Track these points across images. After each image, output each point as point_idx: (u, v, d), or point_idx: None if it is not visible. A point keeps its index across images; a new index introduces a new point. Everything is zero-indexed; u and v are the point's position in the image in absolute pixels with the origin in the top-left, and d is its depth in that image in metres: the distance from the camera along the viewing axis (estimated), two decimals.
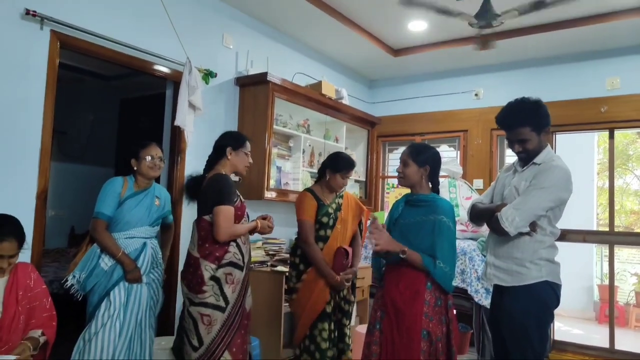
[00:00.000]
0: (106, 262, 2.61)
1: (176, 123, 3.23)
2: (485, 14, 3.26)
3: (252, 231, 2.69)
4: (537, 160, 2.31)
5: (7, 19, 2.71)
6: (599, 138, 7.75)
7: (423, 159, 2.39)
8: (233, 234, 2.51)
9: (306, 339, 2.91)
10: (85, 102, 5.99)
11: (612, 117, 4.45)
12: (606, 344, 4.58)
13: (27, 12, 2.72)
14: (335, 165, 3.02)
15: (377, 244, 2.23)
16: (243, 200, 2.72)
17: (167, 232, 3.08)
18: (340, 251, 2.93)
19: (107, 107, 6.23)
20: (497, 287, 2.39)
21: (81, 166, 5.94)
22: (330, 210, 3.02)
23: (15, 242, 2.04)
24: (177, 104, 3.22)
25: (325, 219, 3.00)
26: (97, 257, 2.62)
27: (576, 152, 6.75)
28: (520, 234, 2.24)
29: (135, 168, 2.77)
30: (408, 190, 2.52)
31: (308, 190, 3.08)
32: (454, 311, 2.36)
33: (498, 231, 2.27)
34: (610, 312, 4.65)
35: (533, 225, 2.24)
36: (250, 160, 2.75)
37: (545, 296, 2.23)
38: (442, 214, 2.31)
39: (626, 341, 5.05)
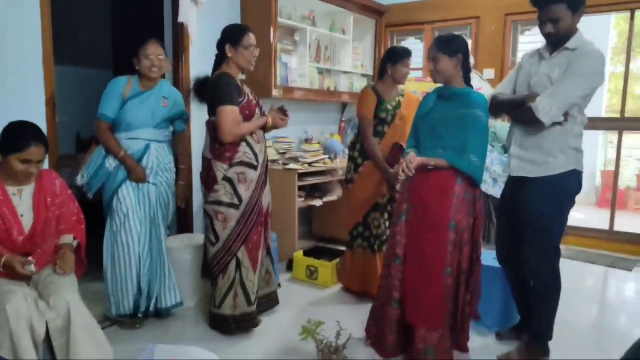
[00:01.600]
0: (110, 163, 2.65)
1: (180, 19, 3.07)
2: None
3: (264, 128, 2.65)
4: (569, 45, 2.19)
5: None
6: (616, 20, 7.39)
7: (453, 48, 2.28)
8: (238, 134, 2.49)
9: (359, 226, 3.13)
10: (74, 0, 5.64)
11: None
12: (606, 226, 4.76)
13: None
14: (393, 57, 3.04)
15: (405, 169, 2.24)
16: (252, 97, 2.65)
17: (180, 141, 2.98)
18: (395, 146, 2.98)
19: (97, 4, 5.89)
20: (516, 179, 2.37)
21: (78, 68, 5.75)
22: (389, 107, 3.06)
23: (42, 146, 2.03)
24: None
25: (383, 114, 3.04)
26: (103, 158, 2.65)
27: (590, 35, 6.48)
28: (552, 124, 2.20)
29: (137, 67, 2.68)
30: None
31: (370, 86, 3.12)
32: (481, 204, 2.40)
33: (530, 122, 2.20)
34: (613, 195, 4.78)
35: (565, 114, 2.19)
36: (255, 54, 2.60)
37: (572, 184, 2.26)
38: (477, 107, 2.25)
39: (624, 222, 5.25)
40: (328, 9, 4.47)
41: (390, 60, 3.02)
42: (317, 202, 4.08)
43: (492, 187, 4.37)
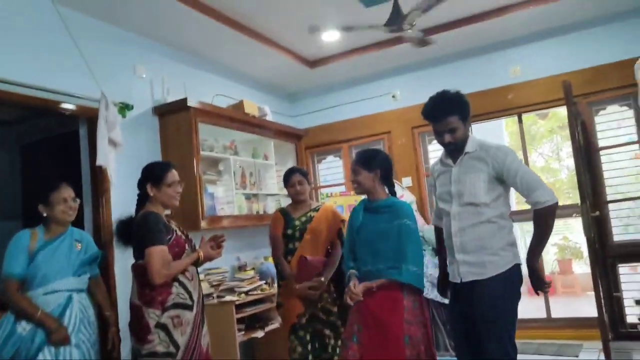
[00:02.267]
0: (24, 327, 2.30)
1: (98, 163, 3.00)
2: (396, 19, 3.37)
3: (196, 263, 2.51)
4: (469, 149, 2.36)
5: None
6: (506, 123, 8.33)
7: (372, 164, 2.44)
8: (170, 275, 2.34)
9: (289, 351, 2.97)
10: None
11: (519, 102, 4.77)
12: (543, 314, 4.88)
13: None
14: (284, 182, 3.20)
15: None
16: (181, 233, 2.56)
17: (98, 286, 2.72)
18: (301, 260, 2.90)
19: (6, 154, 5.68)
20: (465, 284, 2.36)
21: None
22: (298, 223, 3.07)
23: None
24: (97, 142, 3.00)
25: (290, 231, 3.06)
26: (12, 323, 2.31)
27: (487, 138, 7.20)
28: (485, 224, 2.30)
29: (45, 214, 2.47)
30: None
31: (280, 208, 3.29)
32: (428, 312, 2.39)
33: (554, 213, 2.27)
34: None
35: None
36: (179, 190, 2.55)
37: (516, 279, 2.32)
38: (405, 217, 2.36)
39: (558, 307, 5.42)
40: (249, 137, 4.63)
41: (284, 185, 3.21)
42: (259, 334, 3.84)
43: (432, 291, 4.38)
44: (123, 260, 3.25)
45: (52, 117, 3.46)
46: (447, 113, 2.32)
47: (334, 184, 5.71)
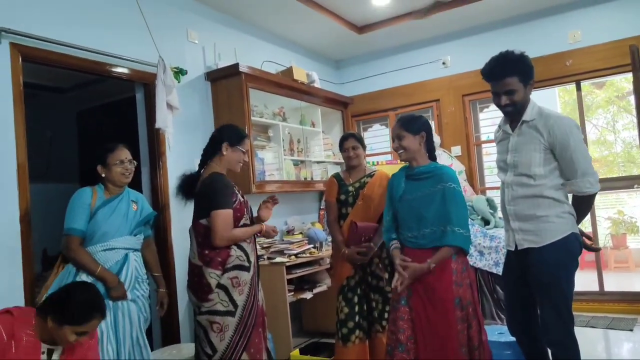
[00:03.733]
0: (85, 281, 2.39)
1: (157, 125, 3.09)
2: None
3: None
4: (526, 117, 2.27)
5: None
6: (559, 92, 7.98)
7: (416, 127, 2.39)
8: (232, 240, 2.40)
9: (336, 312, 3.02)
10: (40, 118, 5.66)
11: (577, 69, 4.56)
12: (595, 288, 4.76)
13: None
14: (339, 145, 3.18)
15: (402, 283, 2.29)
16: (243, 199, 2.59)
17: (149, 247, 2.76)
18: (351, 225, 2.90)
19: (64, 120, 5.93)
20: (520, 251, 2.33)
21: (45, 184, 5.62)
22: (351, 189, 3.06)
23: (102, 317, 1.93)
24: (156, 106, 3.08)
25: (343, 197, 3.07)
26: (73, 276, 2.39)
27: None
28: (539, 195, 2.24)
29: (103, 175, 2.52)
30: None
31: (334, 173, 3.26)
32: (473, 274, 2.39)
33: (592, 200, 2.28)
34: (597, 256, 4.83)
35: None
36: (246, 159, 2.63)
37: (573, 248, 2.25)
38: (449, 180, 2.33)
39: (611, 282, 5.27)
40: (296, 104, 4.65)
41: (339, 149, 3.19)
42: (308, 295, 3.93)
43: (479, 260, 4.35)
44: (180, 221, 3.38)
45: (106, 82, 3.54)
46: (507, 73, 2.23)
47: (380, 153, 5.68)
